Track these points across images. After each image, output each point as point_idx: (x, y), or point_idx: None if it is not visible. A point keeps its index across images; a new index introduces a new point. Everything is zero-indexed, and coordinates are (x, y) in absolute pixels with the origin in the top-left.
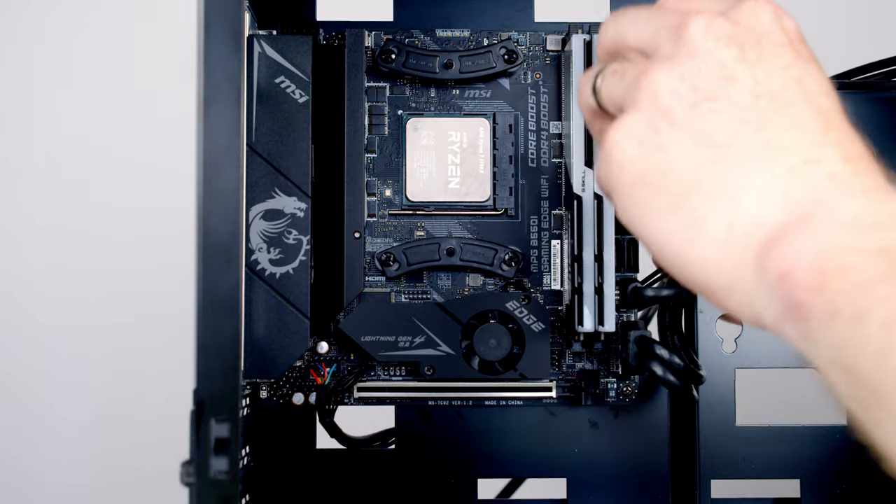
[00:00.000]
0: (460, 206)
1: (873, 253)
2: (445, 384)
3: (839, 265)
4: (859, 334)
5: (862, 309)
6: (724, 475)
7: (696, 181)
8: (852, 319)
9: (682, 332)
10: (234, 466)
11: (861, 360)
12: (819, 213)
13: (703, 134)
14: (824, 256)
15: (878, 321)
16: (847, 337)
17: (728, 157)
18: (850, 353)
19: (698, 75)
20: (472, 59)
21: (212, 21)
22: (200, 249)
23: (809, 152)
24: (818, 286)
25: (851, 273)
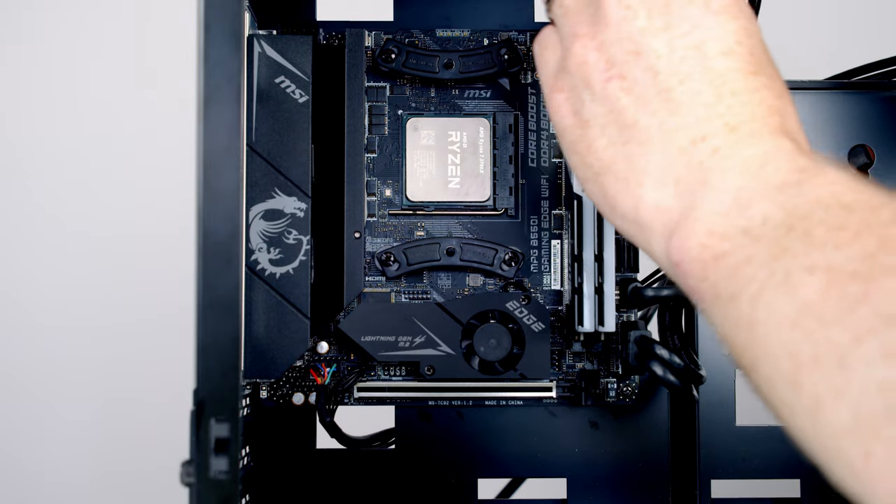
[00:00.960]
0: (460, 206)
1: (741, 234)
2: (445, 384)
3: (715, 254)
4: (735, 311)
5: (734, 290)
6: (724, 475)
7: (610, 161)
8: (729, 299)
9: (682, 332)
10: (234, 466)
11: (738, 333)
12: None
13: (615, 112)
14: (704, 247)
15: (747, 298)
16: (728, 314)
17: (633, 139)
18: (731, 328)
19: (612, 48)
20: (472, 59)
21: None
22: (200, 249)
23: (697, 130)
24: (702, 275)
25: (725, 259)
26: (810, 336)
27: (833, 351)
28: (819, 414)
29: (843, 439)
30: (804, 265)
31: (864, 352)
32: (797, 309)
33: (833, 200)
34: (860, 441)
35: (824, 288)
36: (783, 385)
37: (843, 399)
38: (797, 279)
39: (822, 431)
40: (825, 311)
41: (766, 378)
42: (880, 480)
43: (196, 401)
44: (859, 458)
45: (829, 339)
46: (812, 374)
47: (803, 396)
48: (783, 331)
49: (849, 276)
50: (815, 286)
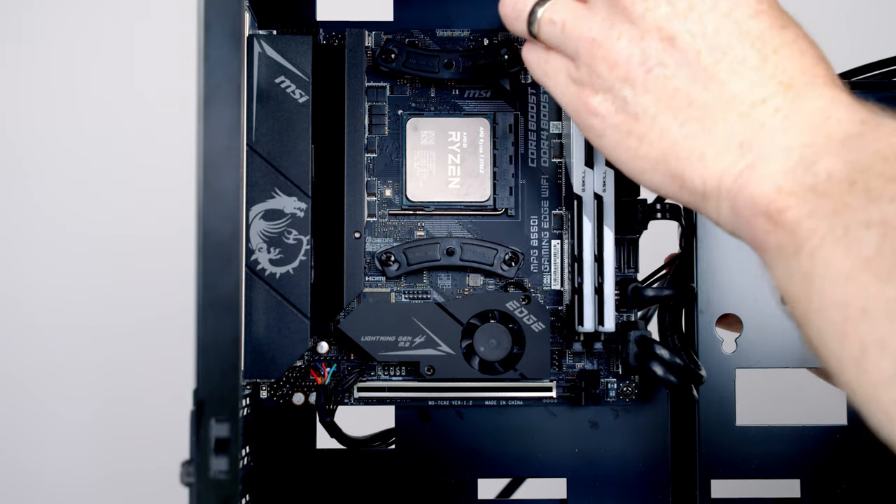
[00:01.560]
0: (460, 206)
1: (807, 191)
2: (445, 384)
3: (781, 208)
4: (795, 264)
5: (797, 243)
6: (724, 475)
7: (670, 145)
8: (793, 253)
9: (682, 332)
10: (234, 466)
11: (795, 285)
12: (767, 154)
13: (664, 99)
14: (770, 202)
15: (807, 252)
16: (788, 267)
17: (690, 118)
18: (790, 281)
19: (643, 41)
20: (472, 59)
21: (212, 21)
22: (200, 249)
23: (754, 93)
24: (769, 228)
25: (790, 213)
26: (862, 289)
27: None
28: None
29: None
30: (862, 220)
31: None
32: (852, 263)
33: (891, 152)
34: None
35: (879, 242)
36: (832, 337)
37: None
38: (854, 234)
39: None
40: (879, 266)
41: (817, 330)
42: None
43: (196, 401)
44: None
45: (879, 292)
46: (859, 325)
47: (849, 347)
48: (837, 284)
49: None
50: (871, 241)
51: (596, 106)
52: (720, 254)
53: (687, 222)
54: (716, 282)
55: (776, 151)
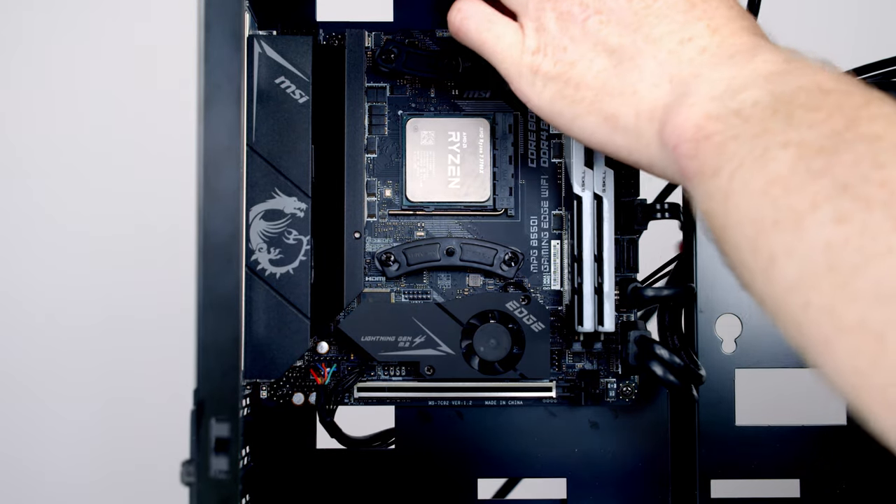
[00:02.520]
0: (460, 206)
1: (731, 115)
2: (445, 384)
3: (706, 133)
4: (715, 185)
5: (718, 165)
6: (724, 475)
7: (604, 85)
8: (712, 175)
9: (681, 332)
10: (234, 466)
11: (714, 204)
12: (695, 87)
13: (599, 44)
14: (698, 128)
15: (727, 172)
16: (708, 188)
17: (622, 58)
18: (710, 200)
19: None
20: (473, 60)
21: (212, 21)
22: (201, 249)
23: (681, 33)
24: (693, 153)
25: (714, 138)
26: (774, 202)
27: (791, 215)
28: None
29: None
30: (780, 142)
31: (817, 215)
32: (767, 180)
33: (814, 86)
34: (802, 293)
35: (794, 161)
36: (746, 249)
37: (792, 257)
38: (772, 154)
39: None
40: (791, 181)
41: (733, 245)
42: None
43: (196, 401)
44: (799, 310)
45: (789, 205)
46: (770, 236)
47: (761, 258)
48: (752, 199)
49: (816, 151)
50: (785, 160)
51: (538, 63)
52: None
53: (687, 222)
54: (716, 282)
55: (704, 83)
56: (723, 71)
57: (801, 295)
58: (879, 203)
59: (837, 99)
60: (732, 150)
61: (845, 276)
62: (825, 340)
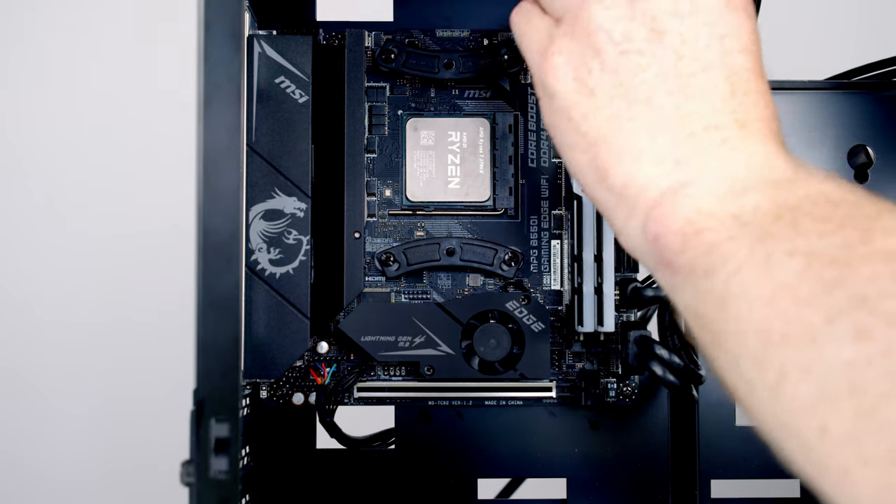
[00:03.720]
0: (460, 206)
1: (729, 218)
2: (445, 384)
3: (698, 229)
4: (708, 286)
5: (711, 265)
6: (724, 475)
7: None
8: (704, 275)
9: (681, 332)
10: (234, 466)
11: (707, 308)
12: (697, 180)
13: (627, 87)
14: (688, 222)
15: (723, 275)
16: (700, 289)
17: (641, 116)
18: (701, 303)
19: (632, 23)
20: (473, 59)
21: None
22: (200, 249)
23: (710, 118)
24: (681, 248)
25: (707, 235)
26: (783, 314)
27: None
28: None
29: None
30: (786, 249)
31: (835, 331)
32: (773, 288)
33: (821, 197)
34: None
35: (803, 270)
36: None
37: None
38: (777, 261)
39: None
40: (801, 292)
41: (730, 354)
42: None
43: (196, 401)
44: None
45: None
46: (780, 351)
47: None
48: (756, 308)
49: (828, 262)
50: (794, 268)
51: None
52: None
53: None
54: None
55: (709, 177)
56: (732, 169)
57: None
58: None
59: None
60: (728, 250)
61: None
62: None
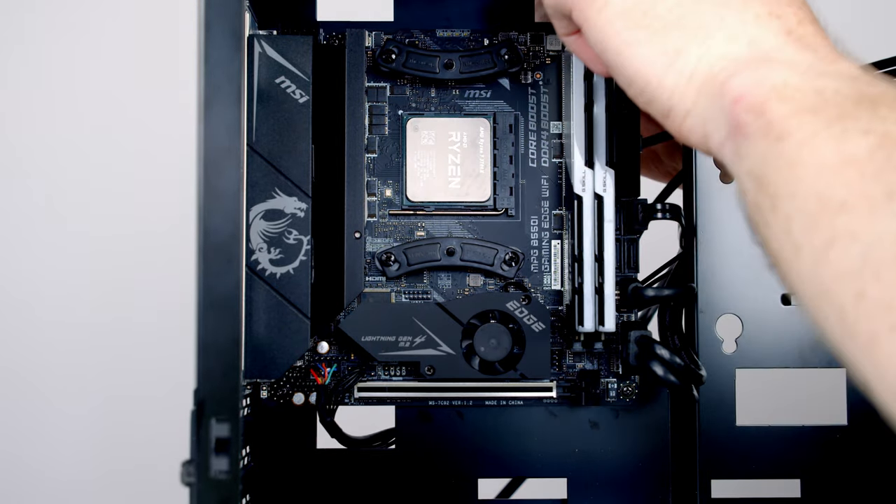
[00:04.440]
0: (460, 206)
1: (812, 91)
2: (445, 384)
3: (782, 96)
4: (778, 149)
5: (787, 130)
6: (724, 475)
7: (678, 18)
8: (778, 138)
9: (682, 332)
10: (234, 466)
11: (773, 170)
12: (777, 56)
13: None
14: (774, 89)
15: (797, 141)
16: (770, 151)
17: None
18: (767, 164)
19: None
20: (473, 59)
21: (212, 21)
22: (201, 249)
23: (774, 7)
24: (761, 110)
25: (789, 103)
26: (847, 184)
27: (864, 200)
28: (828, 253)
29: (842, 280)
30: (862, 128)
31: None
32: (842, 159)
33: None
34: (858, 282)
35: (875, 148)
36: (801, 224)
37: (856, 242)
38: (851, 137)
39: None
40: (868, 166)
41: (783, 216)
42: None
43: (196, 401)
44: (850, 300)
45: (864, 189)
46: (835, 217)
47: (818, 236)
48: (823, 174)
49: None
50: (866, 145)
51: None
52: (720, 254)
53: (687, 223)
54: (716, 282)
55: (787, 56)
56: (806, 55)
57: (856, 284)
58: None
59: None
60: (808, 120)
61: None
62: (874, 336)
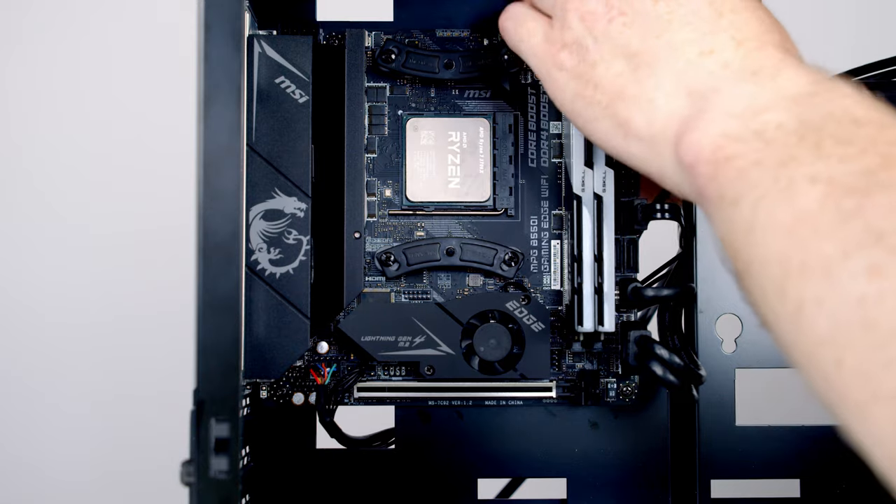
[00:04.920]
0: (460, 206)
1: (754, 137)
2: (445, 384)
3: (727, 155)
4: (737, 215)
5: (739, 193)
6: (724, 475)
7: (620, 88)
8: (732, 203)
9: (681, 332)
10: (234, 466)
11: (736, 236)
12: (714, 103)
13: (620, 46)
14: (717, 148)
15: (749, 203)
16: (729, 217)
17: (641, 63)
18: (731, 231)
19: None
20: (473, 59)
21: (212, 21)
22: (201, 249)
23: (703, 44)
24: (713, 175)
25: (734, 161)
26: (802, 244)
27: (821, 261)
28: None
29: (819, 347)
30: (808, 174)
31: (850, 265)
32: (794, 217)
33: (845, 116)
34: (834, 350)
35: (822, 198)
36: (771, 291)
37: (823, 308)
38: (799, 187)
39: (801, 339)
40: (820, 221)
41: (757, 283)
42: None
43: (196, 401)
44: (832, 367)
45: (819, 249)
46: (798, 282)
47: (788, 303)
48: (778, 237)
49: (847, 190)
50: (814, 196)
51: (563, 59)
52: None
53: (687, 222)
54: (716, 282)
55: (724, 99)
56: (744, 88)
57: (832, 352)
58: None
59: (871, 133)
60: (755, 177)
61: (883, 338)
62: (859, 404)
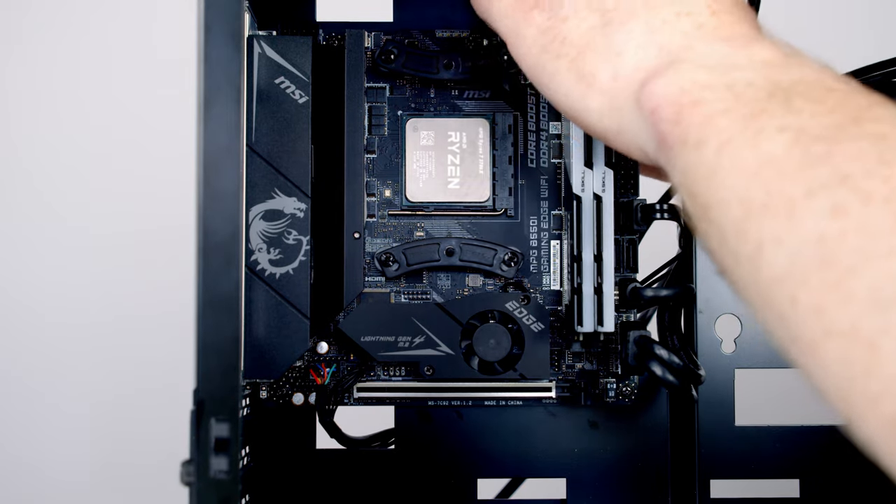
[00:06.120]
0: (460, 207)
1: (723, 88)
2: (445, 384)
3: (693, 100)
4: (698, 158)
5: (703, 137)
6: (724, 475)
7: (589, 42)
8: (695, 146)
9: (681, 332)
10: (234, 466)
11: (697, 179)
12: (686, 56)
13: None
14: (683, 92)
15: (713, 147)
16: (691, 161)
17: (614, 18)
18: (691, 175)
19: None
20: (472, 60)
21: (212, 21)
22: (200, 249)
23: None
24: (676, 119)
25: (701, 107)
26: (766, 185)
27: (784, 200)
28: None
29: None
30: (777, 125)
31: (813, 204)
32: (760, 160)
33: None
34: (790, 287)
35: (790, 144)
36: (731, 232)
37: (782, 246)
38: (767, 135)
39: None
40: (786, 164)
41: (715, 225)
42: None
43: (196, 401)
44: (787, 305)
45: (782, 189)
46: (759, 221)
47: (747, 243)
48: (741, 178)
49: (816, 138)
50: (782, 142)
51: (534, 16)
52: None
53: (686, 223)
54: (715, 282)
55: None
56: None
57: (788, 289)
58: (881, 199)
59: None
60: (722, 124)
61: (839, 275)
62: (812, 342)
